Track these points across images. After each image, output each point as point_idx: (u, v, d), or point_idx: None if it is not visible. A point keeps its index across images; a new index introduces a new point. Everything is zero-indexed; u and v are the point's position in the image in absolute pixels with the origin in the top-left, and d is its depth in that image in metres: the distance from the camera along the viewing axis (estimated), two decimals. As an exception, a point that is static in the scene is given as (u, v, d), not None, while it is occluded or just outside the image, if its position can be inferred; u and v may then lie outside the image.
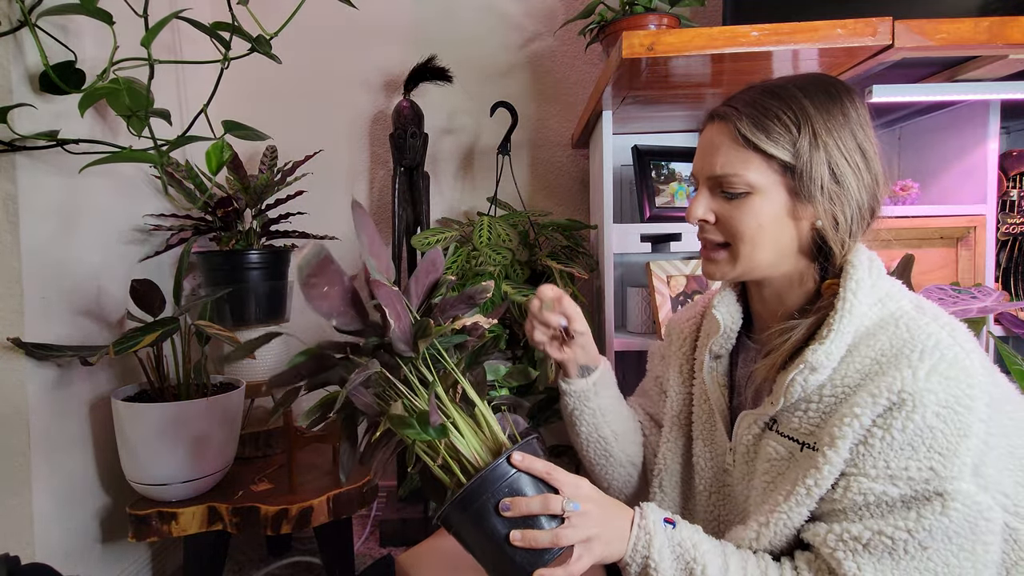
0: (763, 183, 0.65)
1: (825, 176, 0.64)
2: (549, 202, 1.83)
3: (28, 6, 1.02)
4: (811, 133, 0.64)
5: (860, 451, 0.59)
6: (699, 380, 0.82)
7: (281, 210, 1.51)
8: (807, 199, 0.65)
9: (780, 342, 0.66)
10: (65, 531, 1.17)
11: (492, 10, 1.78)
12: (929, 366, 0.57)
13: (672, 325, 0.91)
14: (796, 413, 0.66)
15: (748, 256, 0.68)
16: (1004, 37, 1.02)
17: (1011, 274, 1.47)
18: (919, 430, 0.57)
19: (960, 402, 0.57)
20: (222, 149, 1.05)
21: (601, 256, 1.45)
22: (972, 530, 0.56)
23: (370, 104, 1.81)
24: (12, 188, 1.06)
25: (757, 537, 0.65)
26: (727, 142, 0.67)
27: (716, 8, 1.59)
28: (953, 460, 0.56)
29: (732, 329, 0.78)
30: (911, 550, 0.57)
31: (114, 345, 1.05)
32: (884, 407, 0.58)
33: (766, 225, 0.66)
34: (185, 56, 1.56)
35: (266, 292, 1.43)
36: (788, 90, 0.66)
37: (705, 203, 0.70)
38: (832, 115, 0.65)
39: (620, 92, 1.28)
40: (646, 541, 0.62)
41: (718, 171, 0.67)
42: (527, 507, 0.60)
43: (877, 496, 0.58)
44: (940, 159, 1.49)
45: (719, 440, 0.78)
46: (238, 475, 1.29)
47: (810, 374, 0.63)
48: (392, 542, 1.60)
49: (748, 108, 0.66)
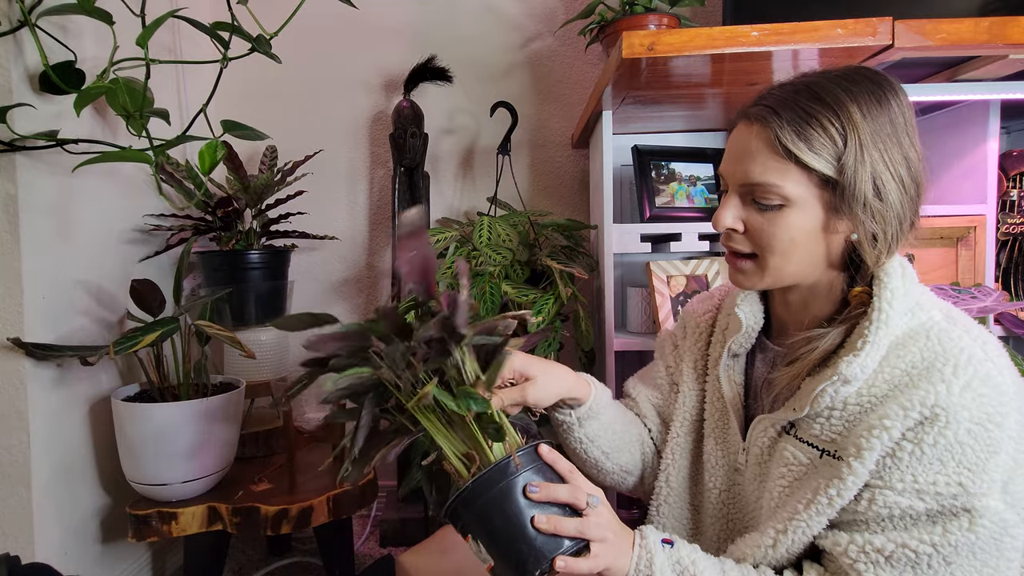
0: (800, 196, 0.62)
1: (869, 192, 0.60)
2: (549, 202, 1.83)
3: (28, 6, 1.02)
4: (857, 145, 0.59)
5: (887, 463, 0.58)
6: (712, 377, 0.80)
7: (281, 210, 1.51)
8: (846, 214, 0.61)
9: (807, 351, 0.65)
10: (65, 531, 1.17)
11: (492, 10, 1.78)
12: (964, 382, 0.56)
13: (688, 316, 0.88)
14: (818, 420, 0.64)
15: (777, 268, 0.65)
16: (1004, 37, 1.02)
17: (1011, 274, 1.47)
18: (950, 445, 0.56)
19: (992, 419, 0.56)
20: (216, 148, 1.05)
21: (601, 256, 1.45)
22: (997, 547, 0.56)
23: (370, 104, 1.81)
24: (12, 188, 1.06)
25: (774, 544, 0.64)
26: (765, 150, 0.62)
27: (716, 8, 1.59)
28: (982, 476, 0.55)
29: (753, 329, 0.76)
30: (935, 565, 0.56)
31: (114, 345, 1.05)
32: (916, 420, 0.57)
33: (799, 239, 0.63)
34: (185, 56, 1.55)
35: (266, 292, 1.43)
36: (834, 93, 0.61)
37: (734, 211, 0.66)
38: (879, 123, 0.60)
39: (620, 92, 1.28)
40: (648, 560, 0.63)
41: (753, 179, 0.63)
42: (555, 492, 0.60)
43: (903, 510, 0.57)
44: (940, 159, 1.49)
45: (732, 439, 0.77)
46: (238, 475, 1.29)
47: (842, 386, 0.61)
48: (392, 542, 1.60)
49: (789, 113, 0.61)
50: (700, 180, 1.60)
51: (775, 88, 0.65)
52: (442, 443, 0.65)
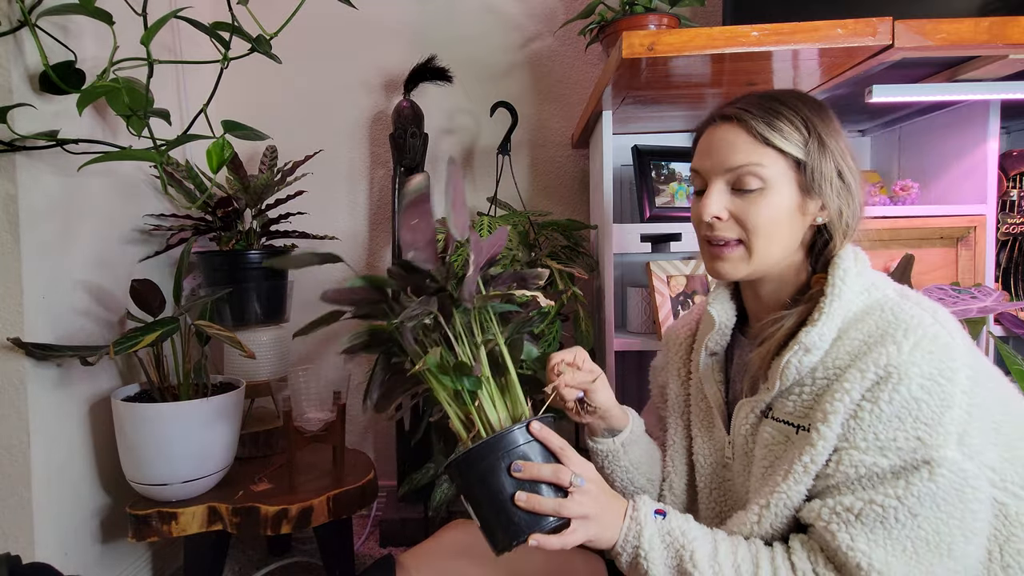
0: (777, 177, 0.69)
1: (833, 173, 0.69)
2: (549, 202, 1.83)
3: (28, 6, 1.02)
4: (817, 135, 0.68)
5: (851, 425, 0.62)
6: (695, 379, 0.84)
7: (281, 210, 1.51)
8: (816, 194, 0.69)
9: (774, 330, 0.70)
10: (65, 531, 1.17)
11: (492, 10, 1.78)
12: (912, 342, 0.61)
13: (669, 334, 0.94)
14: (790, 397, 0.69)
15: (762, 250, 0.71)
16: (1004, 37, 1.02)
17: (1011, 274, 1.47)
18: (905, 402, 0.60)
19: (942, 374, 0.60)
20: (223, 147, 1.05)
21: (601, 256, 1.45)
22: (960, 497, 0.59)
23: (370, 104, 1.81)
24: (12, 188, 1.06)
25: (759, 520, 0.67)
26: (743, 138, 0.69)
27: (716, 8, 1.59)
28: (938, 429, 0.59)
29: (727, 325, 0.81)
30: (902, 518, 0.59)
31: (114, 345, 1.05)
32: (872, 381, 0.61)
33: (780, 219, 0.69)
34: (185, 56, 1.56)
35: (266, 292, 1.43)
36: (787, 99, 0.71)
37: (719, 200, 0.71)
38: (828, 122, 0.70)
39: (620, 92, 1.28)
40: (636, 531, 0.65)
41: (736, 163, 0.69)
42: (538, 472, 0.63)
43: (868, 468, 0.61)
44: (940, 159, 1.49)
45: (717, 436, 0.80)
46: (238, 475, 1.29)
47: (804, 355, 0.66)
48: (392, 542, 1.60)
49: (758, 110, 0.69)
50: (700, 180, 1.60)
51: (738, 98, 0.73)
52: (444, 405, 0.67)
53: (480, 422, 0.66)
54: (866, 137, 1.76)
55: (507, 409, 0.68)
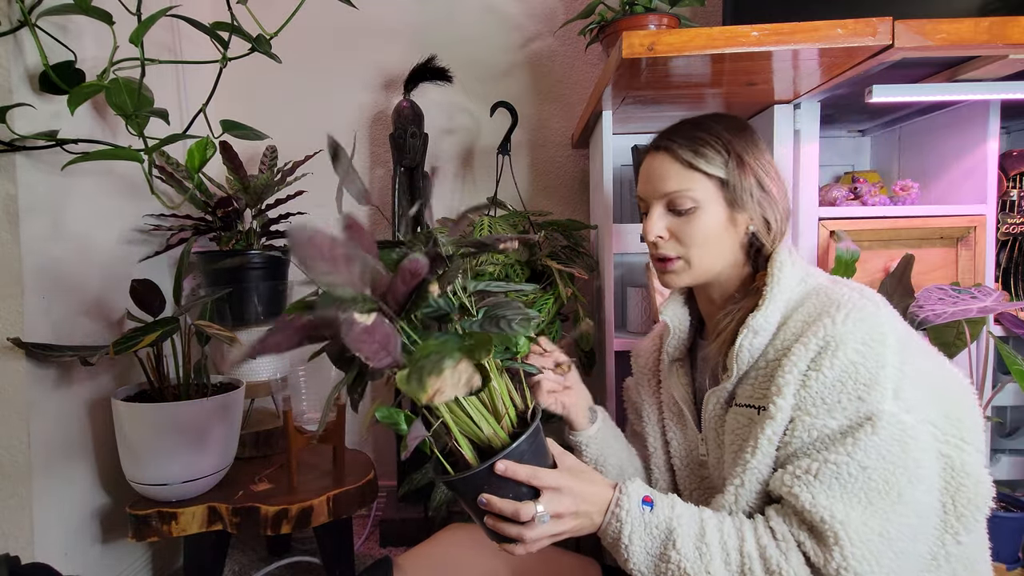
0: (706, 198, 0.78)
1: (754, 186, 0.78)
2: (549, 202, 1.83)
3: (28, 6, 1.02)
4: (736, 155, 0.78)
5: (801, 395, 0.69)
6: (665, 386, 0.91)
7: (281, 210, 1.51)
8: (741, 207, 0.78)
9: (726, 323, 0.79)
10: (65, 531, 1.18)
11: (492, 10, 1.78)
12: (844, 314, 0.68)
13: (637, 351, 1.01)
14: (748, 382, 0.76)
15: (700, 261, 0.80)
16: (1004, 37, 1.02)
17: (1011, 274, 1.47)
18: (844, 366, 0.67)
19: (874, 339, 0.67)
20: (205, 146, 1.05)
21: (601, 256, 1.45)
22: (902, 448, 0.64)
23: (370, 104, 1.81)
24: (12, 188, 1.06)
25: (736, 499, 0.73)
26: (674, 166, 0.79)
27: (716, 8, 1.59)
28: (875, 387, 0.65)
29: (681, 329, 0.89)
30: (854, 471, 0.65)
31: (114, 345, 1.05)
32: (815, 351, 0.69)
33: (712, 233, 0.79)
34: (185, 56, 1.56)
35: (266, 292, 1.43)
36: (708, 124, 0.80)
37: (660, 221, 0.80)
38: (747, 141, 0.79)
39: (620, 92, 1.28)
40: (616, 528, 0.69)
41: (669, 189, 0.79)
42: (499, 508, 0.67)
43: (819, 430, 0.67)
44: (940, 159, 1.49)
45: (690, 435, 0.87)
46: (238, 475, 1.29)
47: (753, 337, 0.74)
48: (392, 542, 1.60)
49: (683, 139, 0.79)
50: (700, 180, 1.60)
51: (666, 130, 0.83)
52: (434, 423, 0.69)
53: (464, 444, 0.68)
54: (866, 137, 1.76)
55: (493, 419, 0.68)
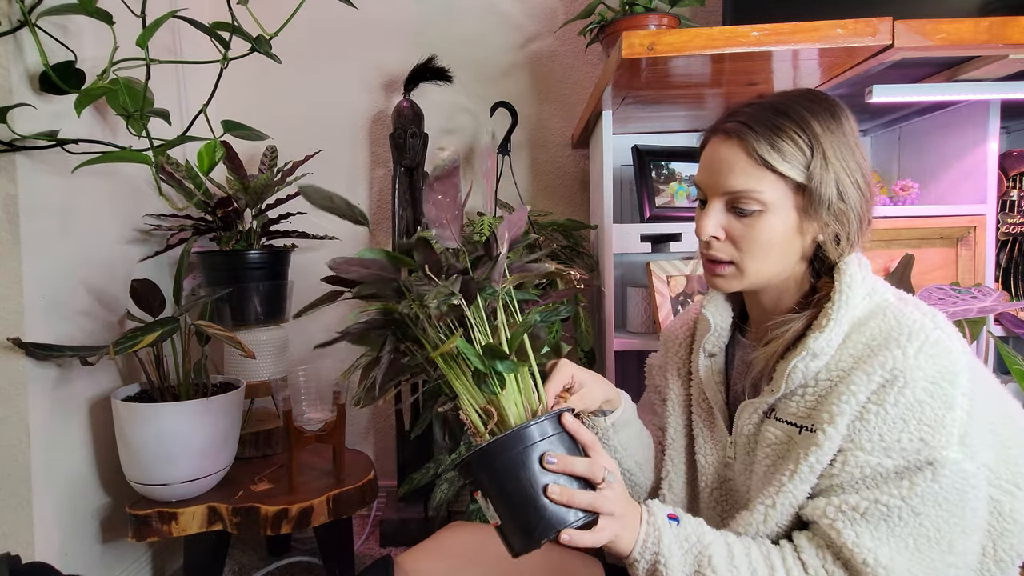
0: (776, 201, 0.67)
1: (833, 195, 0.67)
2: (549, 202, 1.82)
3: (28, 6, 1.02)
4: (822, 155, 0.66)
5: (856, 426, 0.63)
6: (696, 380, 0.84)
7: (281, 210, 1.51)
8: (814, 216, 0.68)
9: (780, 332, 0.70)
10: (65, 531, 1.18)
11: (492, 10, 1.78)
12: (917, 346, 0.62)
13: (667, 333, 0.93)
14: (794, 399, 0.69)
15: (755, 271, 0.71)
16: (1004, 37, 1.02)
17: (1011, 274, 1.46)
18: (910, 404, 0.61)
19: (944, 378, 0.61)
20: (215, 149, 1.06)
21: (601, 256, 1.45)
22: (961, 497, 0.60)
23: (370, 104, 1.81)
24: (12, 188, 1.06)
25: (764, 519, 0.68)
26: (743, 159, 0.68)
27: (716, 8, 1.59)
28: (941, 431, 0.60)
29: (723, 327, 0.82)
30: (905, 516, 0.60)
31: (114, 345, 1.05)
32: (878, 384, 0.62)
33: (775, 241, 0.69)
34: (185, 56, 1.56)
35: (266, 292, 1.43)
36: (796, 110, 0.68)
37: (716, 220, 0.71)
38: (836, 136, 0.68)
39: (620, 92, 1.28)
40: (656, 538, 0.64)
41: (735, 187, 0.68)
42: (573, 465, 0.61)
43: (873, 468, 0.62)
44: (940, 159, 1.49)
45: (719, 435, 0.81)
46: (238, 475, 1.29)
47: (811, 360, 0.67)
48: (392, 542, 1.60)
49: (761, 127, 0.67)
50: (700, 180, 1.60)
51: (743, 106, 0.71)
52: (461, 393, 0.64)
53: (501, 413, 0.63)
54: (866, 137, 1.76)
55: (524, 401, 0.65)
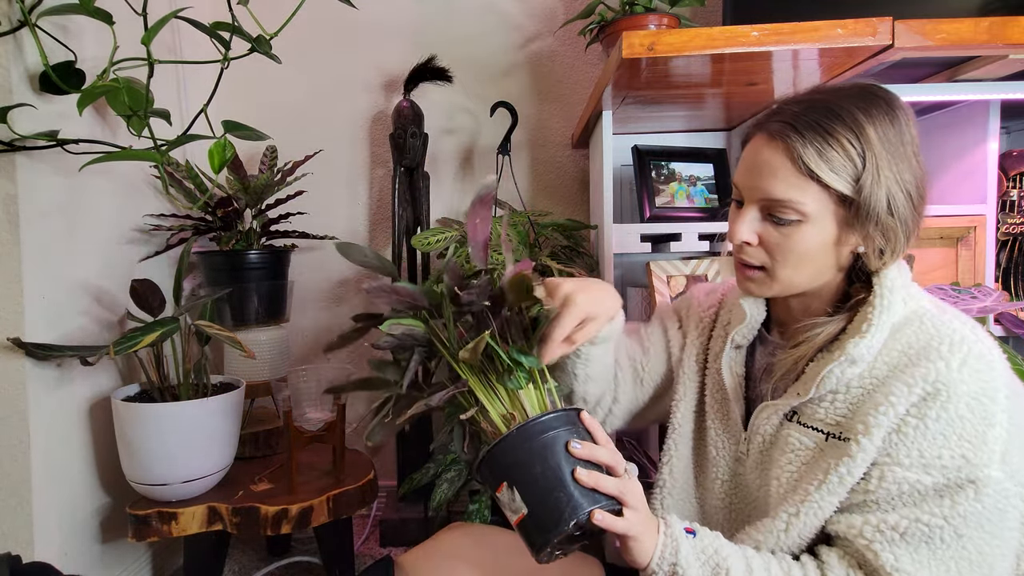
0: (818, 213, 0.64)
1: (882, 209, 0.62)
2: (549, 202, 1.82)
3: (28, 6, 1.02)
4: (875, 166, 0.61)
5: (893, 440, 0.61)
6: (712, 369, 0.82)
7: (281, 210, 1.51)
8: (858, 229, 0.64)
9: (813, 335, 0.68)
10: (65, 531, 1.17)
11: (492, 10, 1.78)
12: (960, 359, 0.60)
13: (694, 307, 0.89)
14: (822, 404, 0.67)
15: (787, 280, 0.68)
16: (1004, 37, 1.02)
17: (1011, 274, 1.46)
18: (951, 420, 0.59)
19: (986, 393, 0.59)
20: (224, 147, 1.05)
21: (601, 256, 1.45)
22: (1002, 517, 0.58)
23: (370, 104, 1.81)
24: (12, 188, 1.06)
25: (787, 528, 0.66)
26: (786, 167, 0.63)
27: (716, 8, 1.59)
28: (983, 448, 0.58)
29: (757, 321, 0.78)
30: (947, 538, 0.58)
31: (114, 345, 1.05)
32: (919, 396, 0.60)
33: (811, 253, 0.66)
34: (185, 56, 1.56)
35: (266, 292, 1.43)
36: (852, 113, 0.62)
37: (751, 225, 0.68)
38: (893, 143, 0.62)
39: (620, 92, 1.28)
40: (673, 549, 0.63)
41: (775, 196, 0.64)
42: (597, 452, 0.62)
43: (911, 485, 0.60)
44: (940, 159, 1.49)
45: (733, 429, 0.79)
46: (238, 475, 1.29)
47: (848, 366, 0.64)
48: (392, 542, 1.60)
49: (810, 132, 0.62)
50: (700, 180, 1.60)
51: (792, 103, 0.66)
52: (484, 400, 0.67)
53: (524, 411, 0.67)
54: (866, 137, 1.76)
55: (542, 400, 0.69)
